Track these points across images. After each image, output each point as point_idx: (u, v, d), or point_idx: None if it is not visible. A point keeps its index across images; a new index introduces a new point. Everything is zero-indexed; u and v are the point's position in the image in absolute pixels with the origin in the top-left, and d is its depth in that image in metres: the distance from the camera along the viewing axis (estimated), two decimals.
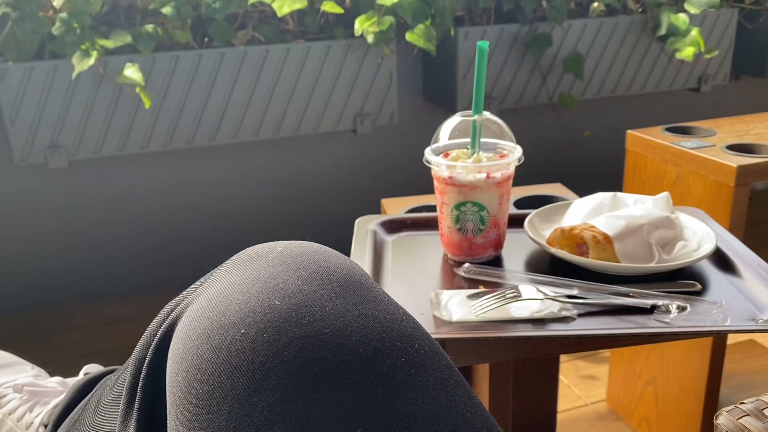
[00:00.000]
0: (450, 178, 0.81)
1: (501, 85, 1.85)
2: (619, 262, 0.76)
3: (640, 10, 1.94)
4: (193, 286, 0.48)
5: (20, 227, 1.68)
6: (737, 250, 0.81)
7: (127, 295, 1.80)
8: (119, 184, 1.73)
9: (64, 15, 1.44)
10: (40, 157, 1.50)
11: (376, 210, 1.55)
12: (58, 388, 0.76)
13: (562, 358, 1.57)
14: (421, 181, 1.13)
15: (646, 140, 1.31)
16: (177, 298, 0.47)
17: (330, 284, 0.41)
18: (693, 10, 1.85)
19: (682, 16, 1.85)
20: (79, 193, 1.70)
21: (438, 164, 0.82)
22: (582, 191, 1.22)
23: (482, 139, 0.85)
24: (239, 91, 1.60)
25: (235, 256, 0.47)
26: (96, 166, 1.67)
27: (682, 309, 0.69)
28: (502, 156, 0.84)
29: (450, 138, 0.87)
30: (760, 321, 0.67)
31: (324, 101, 1.68)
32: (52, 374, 0.85)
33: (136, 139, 1.56)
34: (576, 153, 2.13)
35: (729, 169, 1.15)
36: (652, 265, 0.76)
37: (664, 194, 0.87)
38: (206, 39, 1.60)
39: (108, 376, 0.60)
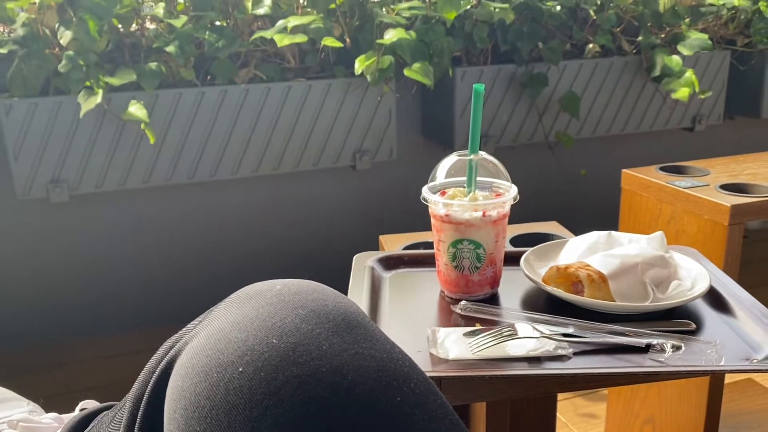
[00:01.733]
0: (447, 216, 0.82)
1: (498, 123, 1.87)
2: (614, 300, 0.77)
3: (634, 51, 1.98)
4: (192, 323, 0.48)
5: (20, 260, 1.68)
6: (731, 289, 0.82)
7: (125, 329, 1.80)
8: (119, 218, 1.74)
9: (70, 53, 1.47)
10: (41, 192, 1.51)
11: (375, 245, 1.56)
12: (54, 424, 0.76)
13: (561, 396, 1.56)
14: (420, 216, 1.15)
15: (641, 179, 1.33)
16: (176, 336, 0.48)
17: (327, 323, 0.42)
18: (686, 52, 1.89)
19: (675, 57, 1.89)
20: (80, 228, 1.71)
21: (435, 202, 0.84)
22: (578, 229, 1.24)
23: (478, 178, 0.86)
24: (240, 127, 1.63)
25: (234, 294, 0.47)
26: (97, 200, 1.69)
27: (676, 348, 0.69)
28: (498, 195, 0.85)
29: (447, 177, 0.88)
30: (755, 361, 0.68)
31: (324, 138, 1.71)
32: (47, 409, 0.84)
33: (137, 173, 1.57)
34: (572, 191, 2.15)
35: (723, 208, 1.16)
36: (647, 304, 0.76)
37: (659, 233, 0.88)
38: (209, 77, 1.63)
39: (105, 413, 0.60)
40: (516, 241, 1.23)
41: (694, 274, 0.83)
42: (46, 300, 1.73)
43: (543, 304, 0.83)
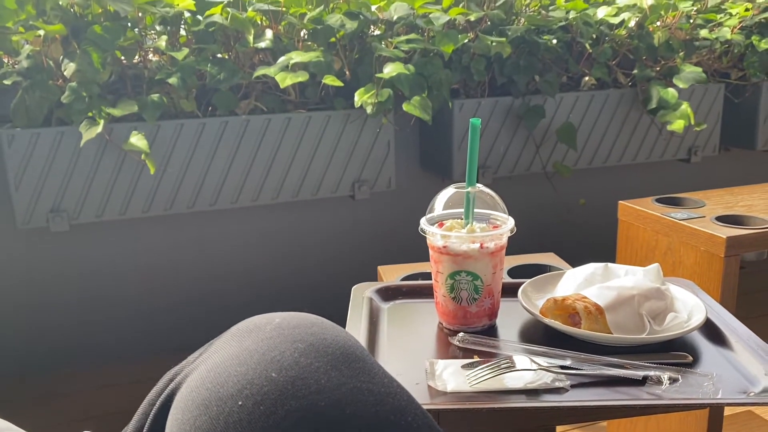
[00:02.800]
0: (444, 247, 0.83)
1: (496, 154, 1.89)
2: (611, 332, 0.77)
3: (630, 84, 2.01)
4: (192, 356, 0.49)
5: (19, 289, 1.68)
6: (728, 321, 0.82)
7: (124, 359, 1.79)
8: (119, 248, 1.75)
9: (73, 84, 1.49)
10: (41, 221, 1.52)
11: (373, 275, 1.56)
12: None
13: (559, 428, 1.55)
14: (418, 247, 1.15)
15: (638, 211, 1.34)
16: (176, 368, 0.48)
17: (326, 357, 0.43)
18: (681, 85, 1.92)
19: (671, 90, 1.91)
20: (79, 257, 1.72)
21: (433, 234, 0.84)
22: (575, 259, 1.24)
23: (476, 210, 0.87)
24: (241, 157, 1.64)
25: (234, 327, 0.48)
26: (97, 229, 1.70)
27: (673, 381, 0.70)
28: (496, 227, 0.86)
29: (444, 208, 0.89)
30: (752, 394, 0.68)
31: (323, 168, 1.72)
32: None
33: (137, 203, 1.58)
34: (569, 221, 2.17)
35: (719, 240, 1.17)
36: (644, 336, 0.77)
37: (655, 265, 0.89)
38: (210, 108, 1.65)
39: None
40: (514, 272, 1.24)
41: (690, 306, 0.84)
42: (45, 329, 1.73)
43: (540, 335, 0.83)
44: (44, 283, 1.70)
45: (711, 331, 0.81)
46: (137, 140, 1.50)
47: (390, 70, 1.63)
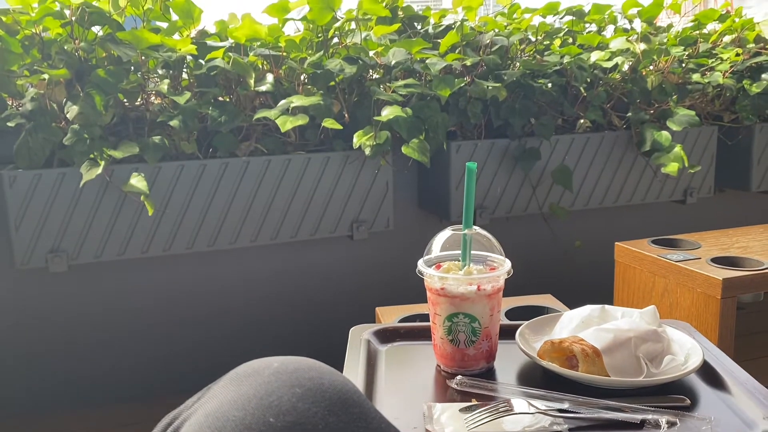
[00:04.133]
0: (442, 289, 0.84)
1: (493, 195, 1.91)
2: (608, 375, 0.77)
3: (624, 126, 2.04)
4: (190, 400, 0.49)
5: (17, 330, 1.68)
6: (725, 364, 0.83)
7: (122, 401, 1.77)
8: (117, 288, 1.74)
9: (75, 126, 1.51)
10: (41, 261, 1.52)
11: (371, 316, 1.56)
12: None
13: None
14: (416, 287, 1.16)
15: (634, 252, 1.35)
16: (174, 412, 0.48)
17: (324, 402, 0.43)
18: (675, 128, 1.95)
19: (665, 133, 1.94)
20: (78, 298, 1.71)
21: (430, 276, 0.85)
22: (572, 300, 1.25)
23: (473, 252, 0.88)
24: (240, 198, 1.65)
25: (232, 371, 0.48)
26: (96, 270, 1.70)
27: (671, 424, 0.70)
28: (492, 269, 0.87)
29: (442, 250, 0.90)
30: None
31: (322, 208, 1.74)
32: None
33: (137, 244, 1.59)
34: (566, 261, 2.17)
35: (715, 281, 1.18)
36: (641, 380, 0.77)
37: (651, 308, 0.89)
38: (211, 149, 1.67)
39: None
40: (511, 313, 1.24)
41: (687, 349, 0.84)
42: (42, 370, 1.71)
43: (538, 378, 0.83)
44: (41, 324, 1.70)
45: (708, 374, 0.81)
46: (137, 182, 1.51)
47: (388, 113, 1.65)
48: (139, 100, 1.64)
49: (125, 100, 1.62)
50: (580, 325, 0.88)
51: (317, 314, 1.94)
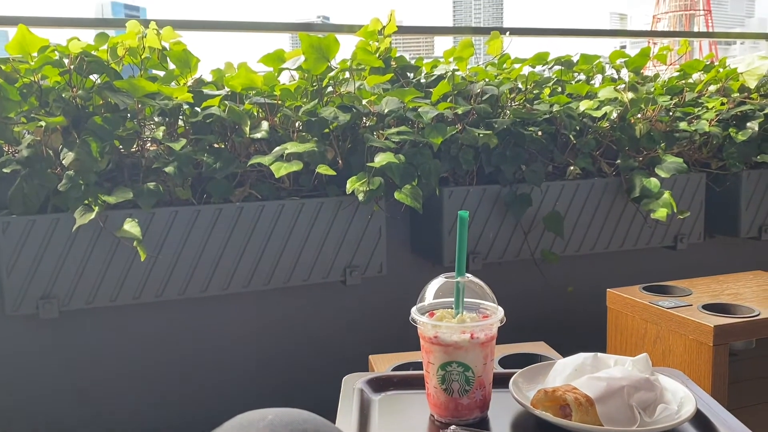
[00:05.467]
0: (435, 337, 0.84)
1: (485, 240, 1.92)
2: (601, 424, 0.77)
3: (614, 173, 2.07)
4: None
5: (5, 377, 1.65)
6: (718, 413, 0.83)
7: None
8: (108, 335, 1.73)
9: (71, 172, 1.52)
10: (31, 308, 1.51)
11: (364, 362, 1.55)
12: None
13: None
14: (409, 333, 1.16)
15: (626, 299, 1.36)
16: None
17: None
18: (663, 175, 1.98)
19: (653, 179, 1.97)
20: (68, 344, 1.70)
21: (424, 324, 0.85)
22: (565, 347, 1.25)
23: (465, 300, 0.88)
24: (233, 244, 1.66)
25: (227, 423, 0.48)
26: (87, 316, 1.68)
27: None
28: (485, 316, 0.87)
29: (435, 297, 0.90)
30: None
31: (315, 253, 1.74)
32: None
33: (129, 290, 1.58)
34: (559, 307, 2.17)
35: (707, 329, 1.18)
36: (635, 429, 0.77)
37: (643, 355, 0.89)
38: (205, 195, 1.68)
39: None
40: (505, 361, 1.23)
41: (680, 397, 0.84)
42: (30, 417, 1.68)
43: (532, 427, 0.83)
44: (31, 371, 1.67)
45: (702, 423, 0.81)
46: (131, 227, 1.52)
47: (381, 159, 1.67)
48: (134, 146, 1.66)
49: (121, 147, 1.63)
50: (573, 373, 0.89)
51: (310, 361, 1.92)
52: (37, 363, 1.67)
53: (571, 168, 2.02)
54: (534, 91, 2.11)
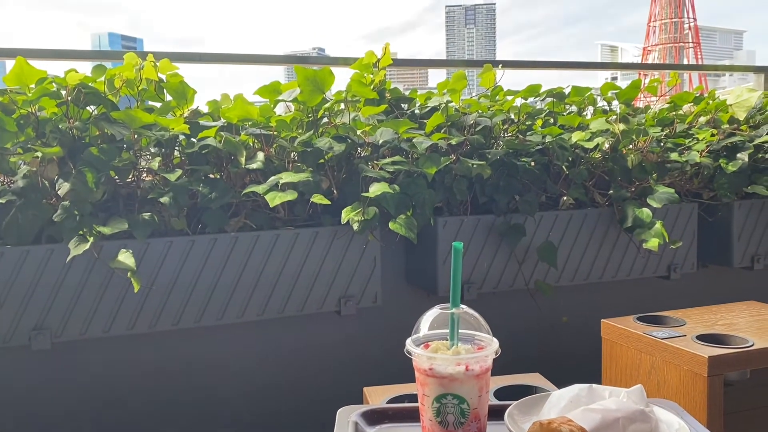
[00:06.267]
0: (430, 369, 0.84)
1: (479, 270, 1.92)
2: None
3: (606, 203, 2.08)
4: None
5: None
6: None
7: None
8: (101, 366, 1.71)
9: (66, 203, 1.52)
10: (23, 339, 1.50)
11: (358, 394, 1.54)
12: None
13: None
14: (404, 365, 1.16)
15: (620, 329, 1.36)
16: None
17: None
18: (655, 205, 2.00)
19: (646, 210, 1.99)
20: (61, 375, 1.68)
21: (419, 355, 0.85)
22: (560, 377, 1.24)
23: (460, 331, 0.89)
24: (228, 274, 1.66)
25: None
26: (79, 347, 1.67)
27: None
28: (480, 348, 0.87)
29: (430, 329, 0.90)
30: None
31: (310, 283, 1.74)
32: None
33: (122, 321, 1.58)
34: (554, 337, 2.17)
35: (701, 359, 1.18)
36: None
37: (638, 387, 0.89)
38: (200, 225, 1.69)
39: None
40: (500, 393, 1.23)
41: (675, 429, 0.84)
42: None
43: None
44: (23, 403, 1.65)
45: None
46: (125, 258, 1.51)
47: (376, 189, 1.69)
48: (130, 177, 1.67)
49: (117, 177, 1.64)
50: (568, 405, 0.88)
51: (304, 393, 1.91)
52: (27, 395, 1.65)
53: (564, 198, 2.04)
54: (526, 123, 2.14)
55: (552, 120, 2.18)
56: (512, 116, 2.11)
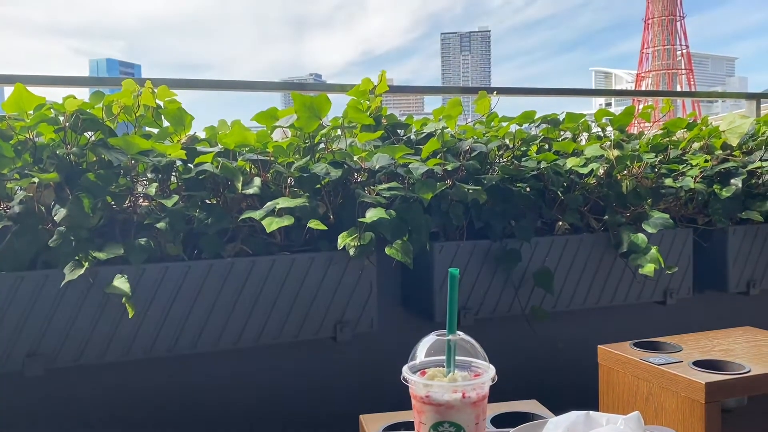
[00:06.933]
0: (427, 396, 0.84)
1: (476, 295, 1.92)
2: None
3: (602, 228, 2.09)
4: None
5: None
6: None
7: None
8: (95, 393, 1.70)
9: (62, 228, 1.52)
10: (17, 365, 1.49)
11: (354, 421, 1.52)
12: None
13: None
14: (400, 392, 1.15)
15: (617, 355, 1.36)
16: None
17: None
18: (650, 230, 2.00)
19: (641, 235, 1.99)
20: (54, 402, 1.66)
21: (415, 383, 0.85)
22: (557, 402, 1.24)
23: (457, 358, 0.88)
24: (223, 299, 1.65)
25: None
26: (73, 374, 1.65)
27: None
28: (477, 375, 0.87)
29: (426, 356, 0.90)
30: None
31: (306, 309, 1.73)
32: None
33: (117, 346, 1.56)
34: (550, 363, 2.16)
35: (698, 386, 1.18)
36: None
37: (635, 414, 0.89)
38: (196, 250, 1.68)
39: None
40: (496, 420, 1.22)
41: None
42: None
43: None
44: (15, 430, 1.63)
45: None
46: (120, 283, 1.51)
47: (372, 214, 1.69)
48: (127, 202, 1.67)
49: (113, 203, 1.64)
50: None
51: (300, 420, 1.89)
52: (20, 422, 1.63)
53: (560, 223, 2.04)
54: (521, 149, 2.16)
55: (547, 146, 2.20)
56: (507, 142, 2.13)
